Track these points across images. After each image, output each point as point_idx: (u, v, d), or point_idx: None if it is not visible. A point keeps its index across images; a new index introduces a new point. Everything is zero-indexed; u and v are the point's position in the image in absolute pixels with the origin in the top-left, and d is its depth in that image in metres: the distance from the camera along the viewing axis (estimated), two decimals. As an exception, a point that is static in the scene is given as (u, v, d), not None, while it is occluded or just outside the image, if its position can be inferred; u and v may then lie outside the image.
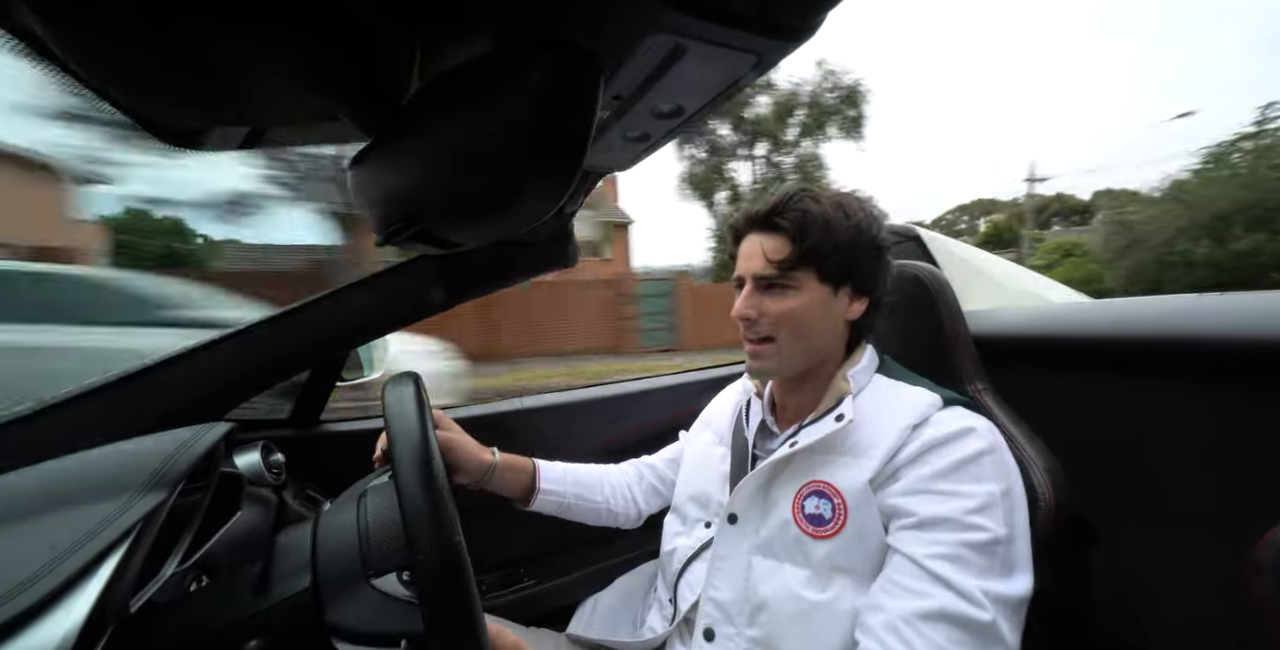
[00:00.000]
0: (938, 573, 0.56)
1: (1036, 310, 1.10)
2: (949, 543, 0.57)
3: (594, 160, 0.74)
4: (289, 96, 0.48)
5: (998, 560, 0.57)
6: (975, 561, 0.56)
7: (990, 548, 0.57)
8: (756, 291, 0.72)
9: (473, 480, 0.83)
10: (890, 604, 0.57)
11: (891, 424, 0.66)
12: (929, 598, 0.55)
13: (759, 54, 0.45)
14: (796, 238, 0.68)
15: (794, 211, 0.69)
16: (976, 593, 0.55)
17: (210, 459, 0.58)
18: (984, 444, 0.63)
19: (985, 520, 0.58)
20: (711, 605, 0.72)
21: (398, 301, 0.96)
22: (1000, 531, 0.58)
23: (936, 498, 0.60)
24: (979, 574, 0.56)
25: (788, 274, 0.70)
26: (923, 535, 0.59)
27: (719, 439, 0.86)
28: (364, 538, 0.57)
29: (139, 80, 0.45)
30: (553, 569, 1.24)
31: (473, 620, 0.47)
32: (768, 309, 0.71)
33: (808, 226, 0.68)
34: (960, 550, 0.57)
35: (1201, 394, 0.75)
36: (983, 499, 0.59)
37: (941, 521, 0.59)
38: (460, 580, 0.47)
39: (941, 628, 0.54)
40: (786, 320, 0.70)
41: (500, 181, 0.41)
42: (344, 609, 0.53)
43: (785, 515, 0.68)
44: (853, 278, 0.71)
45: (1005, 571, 0.57)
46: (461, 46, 0.47)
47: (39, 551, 0.42)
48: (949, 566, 0.56)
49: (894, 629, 0.55)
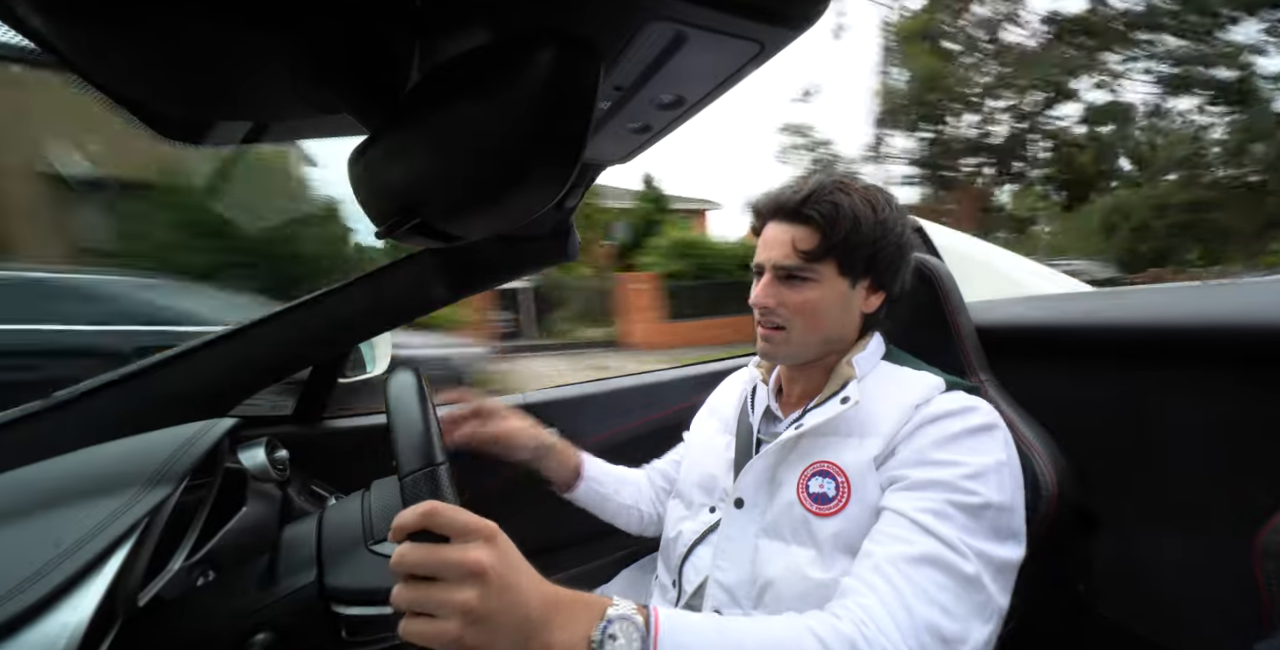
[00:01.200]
0: (923, 523, 0.57)
1: (1039, 301, 1.10)
2: (937, 500, 0.58)
3: (594, 152, 0.73)
4: (290, 91, 0.48)
5: (985, 523, 0.58)
6: (960, 519, 0.57)
7: (979, 510, 0.58)
8: (776, 280, 0.72)
9: (529, 455, 0.89)
10: (877, 550, 0.58)
11: (895, 405, 0.67)
12: (914, 544, 0.56)
13: (761, 42, 0.44)
14: (825, 230, 0.68)
15: (826, 203, 0.68)
16: (960, 544, 0.55)
17: (215, 454, 0.58)
18: (983, 421, 0.64)
19: (978, 486, 0.59)
20: (717, 587, 0.72)
21: (398, 297, 0.96)
22: (993, 497, 0.58)
23: (932, 466, 0.61)
24: (963, 529, 0.56)
25: (810, 266, 0.69)
26: (913, 493, 0.60)
27: (724, 426, 0.87)
28: (366, 514, 0.59)
29: (141, 75, 0.45)
30: (558, 563, 1.25)
31: None
32: (786, 299, 0.71)
33: (838, 220, 0.67)
34: (947, 507, 0.57)
35: (1204, 382, 0.75)
36: (977, 467, 0.60)
37: (934, 483, 0.59)
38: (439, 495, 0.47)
39: (926, 571, 0.54)
40: (803, 311, 0.71)
41: (499, 174, 0.41)
42: (344, 573, 0.54)
43: (791, 496, 0.68)
44: (872, 272, 0.71)
45: (992, 534, 0.58)
46: (461, 38, 0.46)
47: (47, 546, 0.42)
48: (934, 519, 0.57)
49: (879, 570, 0.55)
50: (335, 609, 0.53)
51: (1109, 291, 1.04)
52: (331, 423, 1.12)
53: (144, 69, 0.43)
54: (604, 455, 1.01)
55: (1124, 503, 0.84)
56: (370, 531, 0.56)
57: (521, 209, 0.45)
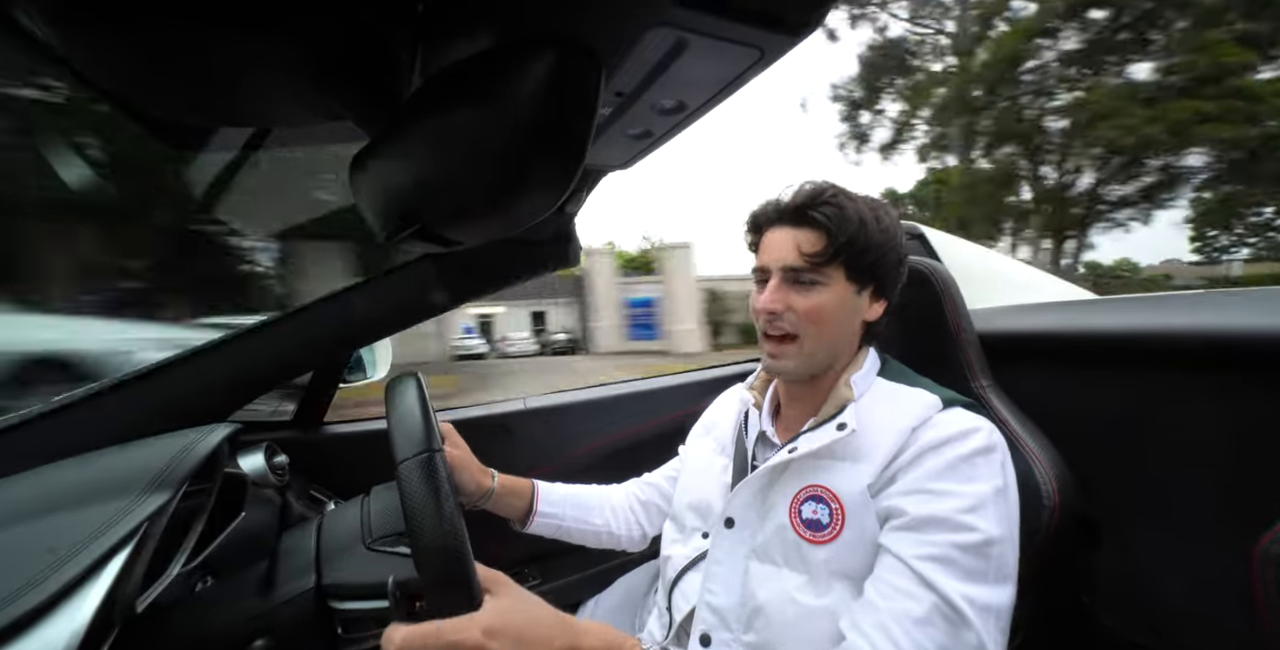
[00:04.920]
0: (926, 576, 0.56)
1: (1041, 307, 1.10)
2: (939, 544, 0.57)
3: (595, 158, 0.73)
4: (292, 96, 0.48)
5: (991, 563, 0.57)
6: (962, 564, 0.56)
7: (982, 549, 0.57)
8: (784, 285, 0.70)
9: (470, 502, 0.84)
10: (881, 604, 0.57)
11: (891, 428, 0.65)
12: (919, 601, 0.55)
13: (761, 49, 0.44)
14: (832, 232, 0.67)
15: (830, 206, 0.67)
16: (962, 602, 0.54)
17: (214, 460, 0.58)
18: (981, 444, 0.62)
19: (976, 520, 0.57)
20: (708, 610, 0.71)
21: (399, 303, 0.96)
22: (992, 532, 0.57)
23: (929, 497, 0.60)
24: (966, 578, 0.56)
25: (819, 269, 0.68)
26: (914, 536, 0.59)
27: (721, 449, 0.85)
28: (365, 516, 0.59)
29: (143, 81, 0.45)
30: (556, 569, 1.24)
31: (448, 513, 0.47)
32: (795, 304, 0.69)
33: (844, 222, 0.67)
34: (950, 551, 0.56)
35: (1206, 390, 0.75)
36: (976, 499, 0.58)
37: (934, 521, 0.58)
38: (435, 479, 0.47)
39: (929, 631, 0.54)
40: (814, 317, 0.69)
41: (501, 179, 0.41)
42: (341, 569, 0.55)
43: (782, 519, 0.67)
44: (876, 280, 0.71)
45: (993, 577, 0.57)
46: (463, 44, 0.47)
47: (45, 552, 0.42)
48: (936, 569, 0.56)
49: (885, 630, 0.55)
50: (331, 604, 0.53)
51: (1112, 299, 1.04)
52: (331, 428, 1.12)
53: (144, 75, 0.43)
54: (607, 460, 1.01)
55: (1126, 512, 0.84)
56: (369, 533, 0.57)
57: (523, 214, 0.45)
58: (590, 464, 1.25)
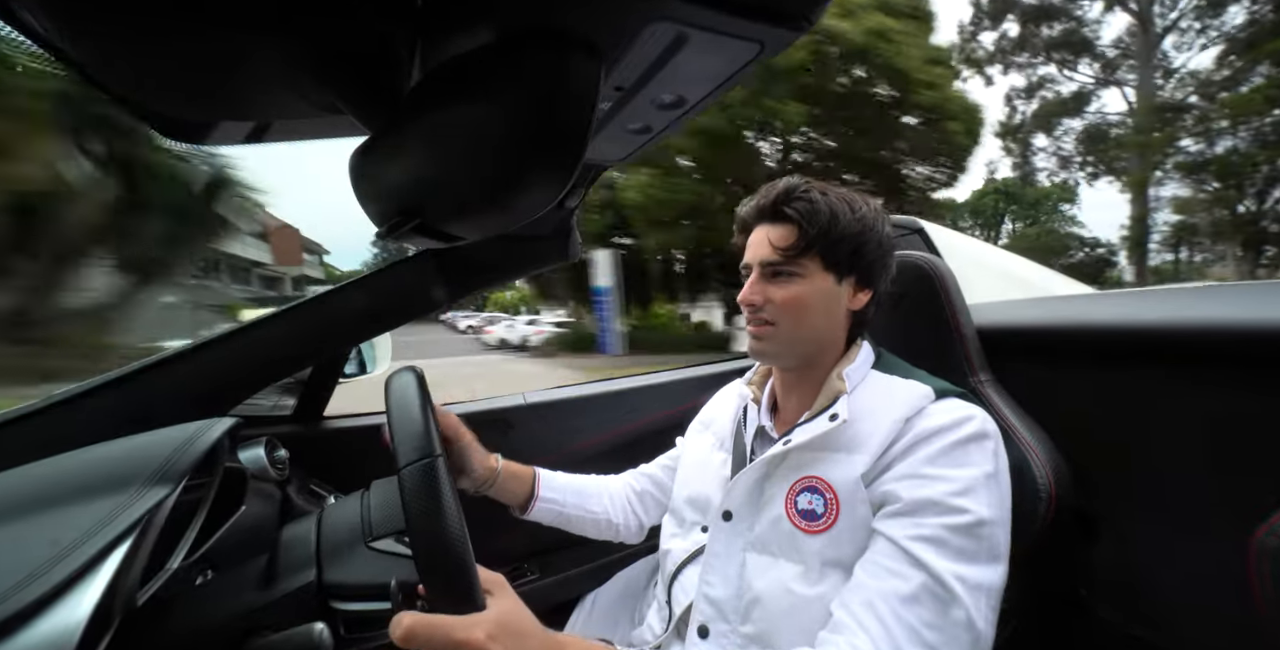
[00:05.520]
0: (915, 554, 0.57)
1: (1040, 302, 1.10)
2: (930, 526, 0.58)
3: (595, 153, 0.73)
4: (292, 91, 0.48)
5: (983, 544, 0.57)
6: (953, 543, 0.57)
7: (974, 529, 0.57)
8: (762, 279, 0.73)
9: (475, 486, 0.84)
10: (870, 583, 0.58)
11: (885, 419, 0.66)
12: (908, 580, 0.56)
13: (761, 42, 0.44)
14: (803, 225, 0.69)
15: (801, 201, 0.70)
16: (952, 579, 0.55)
17: (215, 454, 0.58)
18: (974, 430, 0.63)
19: (967, 502, 0.58)
20: (705, 602, 0.71)
21: (398, 298, 0.96)
22: (985, 513, 0.58)
23: (921, 481, 0.61)
24: (957, 558, 0.56)
25: (794, 261, 0.70)
26: (906, 519, 0.59)
27: (720, 443, 0.86)
28: (366, 514, 0.59)
29: (144, 76, 0.45)
30: (555, 564, 1.24)
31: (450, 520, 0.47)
32: (772, 295, 0.72)
33: (814, 215, 0.69)
34: (940, 532, 0.57)
35: (1203, 384, 0.75)
36: (966, 482, 0.59)
37: (925, 505, 0.59)
38: (436, 485, 0.47)
39: (917, 610, 0.55)
40: (790, 307, 0.71)
41: (500, 174, 0.41)
42: (342, 569, 0.55)
43: (778, 511, 0.68)
44: (857, 268, 0.72)
45: (984, 556, 0.57)
46: (462, 39, 0.47)
47: (45, 545, 0.42)
48: (927, 548, 0.57)
49: (872, 608, 0.56)
50: (333, 605, 0.53)
51: (1110, 294, 1.04)
52: (331, 423, 1.12)
53: (146, 70, 0.43)
54: (606, 455, 1.01)
55: (1122, 505, 0.84)
56: (369, 530, 0.57)
57: (523, 209, 0.45)
58: (589, 459, 1.25)
